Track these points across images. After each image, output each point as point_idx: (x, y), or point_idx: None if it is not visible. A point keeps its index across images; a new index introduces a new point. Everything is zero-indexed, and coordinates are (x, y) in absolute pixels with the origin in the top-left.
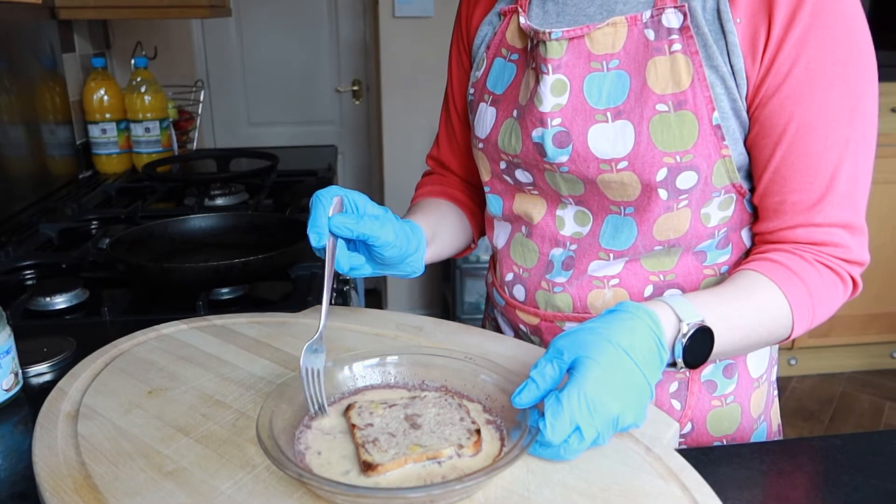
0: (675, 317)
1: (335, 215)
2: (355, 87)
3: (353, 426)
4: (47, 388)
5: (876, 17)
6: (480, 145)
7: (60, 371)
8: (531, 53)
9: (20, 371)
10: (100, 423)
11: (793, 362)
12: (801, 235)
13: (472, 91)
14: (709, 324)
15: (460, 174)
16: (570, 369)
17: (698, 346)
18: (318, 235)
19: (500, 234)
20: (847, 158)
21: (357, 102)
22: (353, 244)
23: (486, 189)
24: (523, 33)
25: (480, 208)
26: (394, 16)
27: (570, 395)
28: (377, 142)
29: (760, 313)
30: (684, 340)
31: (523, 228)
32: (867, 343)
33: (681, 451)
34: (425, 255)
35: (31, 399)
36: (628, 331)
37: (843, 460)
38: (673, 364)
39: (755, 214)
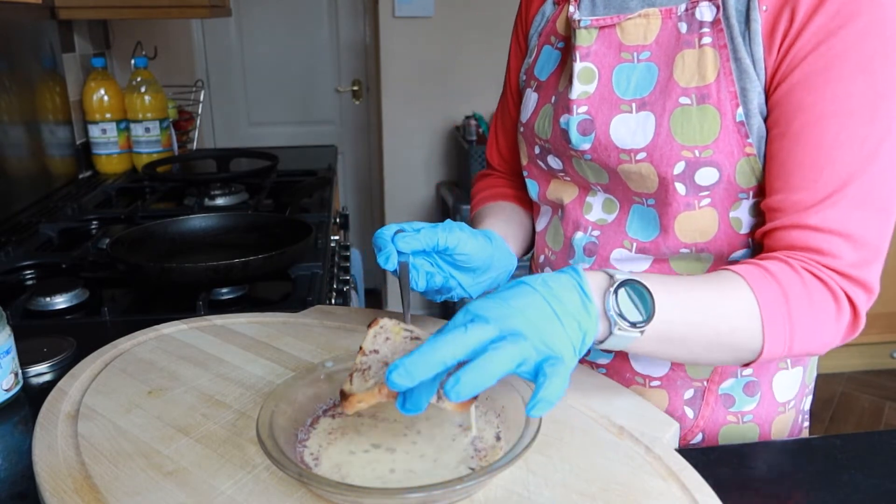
0: (607, 275)
1: (397, 235)
2: (355, 87)
3: (361, 348)
4: (47, 388)
5: None
6: (522, 129)
7: (60, 371)
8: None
9: (20, 371)
10: (100, 423)
11: None
12: (796, 238)
13: (523, 77)
14: (647, 284)
15: (517, 168)
16: None
17: (635, 301)
18: (385, 257)
19: (542, 218)
20: (863, 160)
21: (357, 102)
22: (435, 266)
23: (525, 173)
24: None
25: None
26: (394, 16)
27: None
28: (377, 142)
29: (718, 302)
30: (613, 289)
31: (559, 212)
32: (867, 343)
33: (681, 451)
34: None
35: (31, 399)
36: (540, 277)
37: (843, 460)
38: (607, 339)
39: None
